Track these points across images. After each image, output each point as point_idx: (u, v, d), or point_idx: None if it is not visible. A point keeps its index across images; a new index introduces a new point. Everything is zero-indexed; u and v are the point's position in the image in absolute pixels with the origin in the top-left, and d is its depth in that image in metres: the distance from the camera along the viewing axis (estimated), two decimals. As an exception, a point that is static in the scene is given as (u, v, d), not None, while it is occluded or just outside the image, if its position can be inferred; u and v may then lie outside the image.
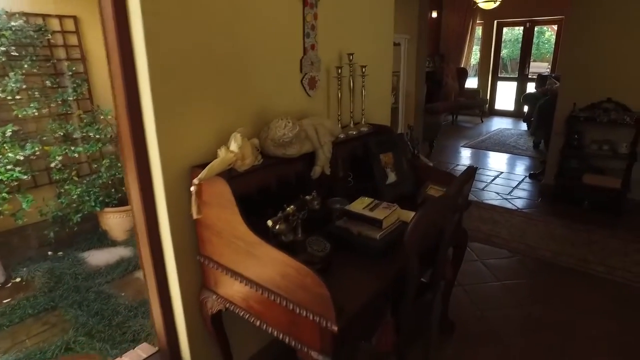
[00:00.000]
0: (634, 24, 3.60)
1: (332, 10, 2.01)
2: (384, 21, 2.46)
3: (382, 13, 2.44)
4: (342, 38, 2.13)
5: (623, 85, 3.73)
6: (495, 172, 5.18)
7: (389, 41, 2.52)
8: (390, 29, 2.52)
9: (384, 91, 2.56)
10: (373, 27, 2.36)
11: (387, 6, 2.46)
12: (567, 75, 4.02)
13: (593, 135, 3.91)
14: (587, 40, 3.83)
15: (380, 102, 2.52)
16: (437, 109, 5.40)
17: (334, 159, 1.82)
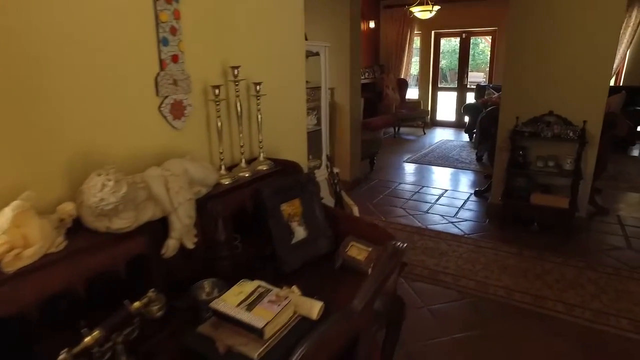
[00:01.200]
0: (569, 36, 3.36)
1: (206, 6, 1.46)
2: (290, 23, 1.93)
3: (287, 11, 1.90)
4: (226, 46, 1.57)
5: (563, 99, 3.47)
6: (440, 190, 4.83)
7: (298, 49, 2.00)
8: (299, 34, 2.00)
9: (295, 113, 2.03)
10: (274, 30, 1.82)
11: (293, 3, 1.93)
12: (508, 88, 3.72)
13: (538, 151, 3.62)
14: (525, 52, 3.56)
15: (290, 128, 1.99)
16: (375, 124, 4.97)
17: (210, 219, 1.27)
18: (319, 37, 4.60)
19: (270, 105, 1.73)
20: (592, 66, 3.34)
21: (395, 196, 4.65)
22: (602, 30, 3.26)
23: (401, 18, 8.99)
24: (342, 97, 4.69)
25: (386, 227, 3.75)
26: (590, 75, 3.36)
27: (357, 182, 5.02)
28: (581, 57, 3.36)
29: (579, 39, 3.34)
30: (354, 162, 4.91)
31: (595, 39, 3.29)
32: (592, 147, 3.46)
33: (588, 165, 3.53)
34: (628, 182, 5.03)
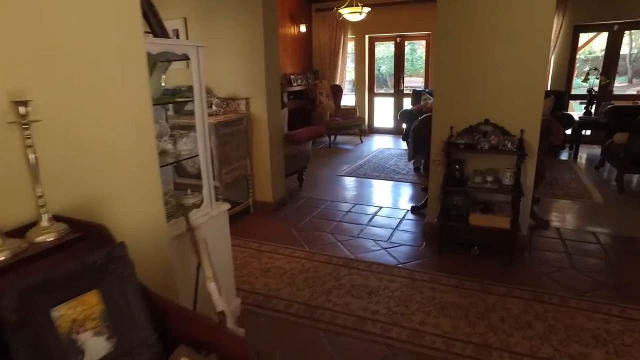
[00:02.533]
0: (501, 41, 3.01)
1: None
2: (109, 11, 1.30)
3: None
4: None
5: (499, 106, 3.12)
6: (374, 208, 4.37)
7: (129, 51, 1.34)
8: (135, 28, 1.36)
9: (128, 143, 1.38)
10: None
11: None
12: (440, 96, 3.32)
13: (476, 164, 3.24)
14: (456, 57, 3.18)
15: (121, 165, 1.34)
16: (300, 137, 4.43)
17: None
18: (226, 40, 3.99)
19: (51, 136, 1.10)
20: (526, 72, 3.01)
21: (324, 218, 4.12)
22: (533, 34, 2.94)
23: (334, 22, 8.59)
24: (259, 108, 4.10)
25: (309, 258, 3.21)
26: (525, 82, 3.02)
27: (282, 203, 4.44)
28: (514, 63, 3.02)
29: (511, 44, 3.00)
30: (276, 181, 4.33)
31: (527, 43, 2.96)
32: (531, 158, 3.12)
33: (528, 178, 3.20)
34: (562, 189, 4.85)
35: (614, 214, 4.10)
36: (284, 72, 8.13)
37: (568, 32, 7.24)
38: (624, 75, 9.87)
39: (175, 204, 1.96)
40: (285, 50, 8.15)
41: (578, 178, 5.32)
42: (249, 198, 4.29)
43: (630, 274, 2.95)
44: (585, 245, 3.42)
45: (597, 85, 7.00)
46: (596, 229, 3.74)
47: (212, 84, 4.25)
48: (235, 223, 3.99)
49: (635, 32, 8.47)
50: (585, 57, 9.90)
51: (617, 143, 5.11)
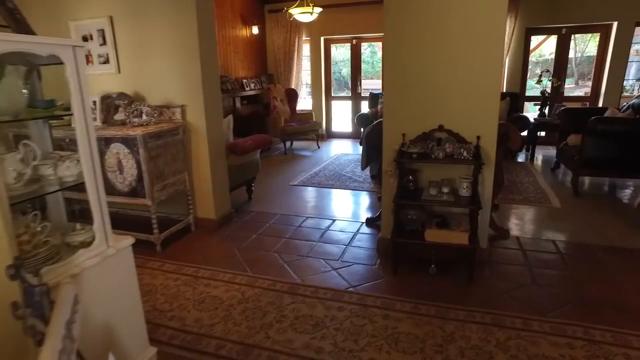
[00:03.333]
0: (453, 42, 2.77)
1: None
2: None
3: None
4: None
5: (453, 112, 2.88)
6: (327, 221, 4.06)
7: None
8: None
9: None
10: None
11: None
12: (391, 101, 3.05)
13: (431, 174, 2.99)
14: (406, 60, 2.92)
15: None
16: (243, 147, 4.06)
17: None
18: (158, 40, 3.58)
19: None
20: (481, 75, 2.79)
21: (271, 234, 3.76)
22: (487, 35, 2.72)
23: (288, 23, 8.28)
24: (196, 116, 3.70)
25: (250, 284, 2.85)
26: (480, 85, 2.80)
27: (227, 219, 4.04)
28: (468, 65, 2.79)
29: (464, 45, 2.77)
30: (219, 195, 3.94)
31: (481, 45, 2.74)
32: (488, 167, 2.90)
33: (486, 188, 2.97)
34: (521, 194, 4.72)
35: (572, 219, 3.97)
36: (236, 76, 7.74)
37: (520, 34, 7.25)
38: (571, 77, 10.11)
39: (60, 243, 1.56)
40: (237, 53, 7.76)
41: (536, 181, 5.23)
42: (189, 215, 3.87)
43: (590, 286, 2.78)
44: (545, 256, 3.24)
45: (550, 87, 7.03)
46: (556, 237, 3.59)
47: (144, 90, 3.81)
48: (173, 244, 3.58)
49: (579, 37, 8.67)
50: (537, 59, 10.07)
51: (571, 145, 5.05)
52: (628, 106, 5.08)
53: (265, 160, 6.92)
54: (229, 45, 7.41)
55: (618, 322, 2.40)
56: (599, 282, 2.84)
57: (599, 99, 7.33)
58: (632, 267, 3.04)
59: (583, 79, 10.87)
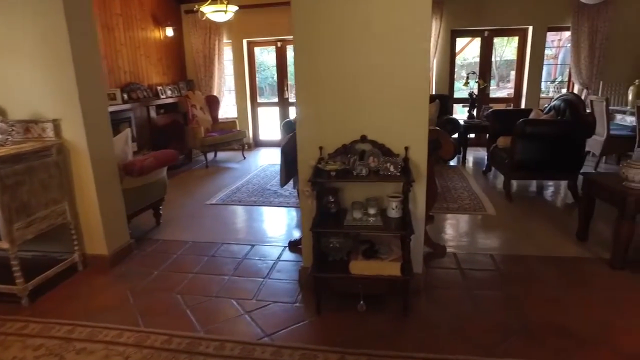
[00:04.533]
0: (376, 43, 2.37)
1: None
2: None
3: None
4: None
5: (377, 120, 2.48)
6: (245, 247, 3.52)
7: None
8: None
9: None
10: None
11: None
12: (305, 109, 2.58)
13: (354, 193, 2.57)
14: (324, 61, 2.47)
15: None
16: (141, 167, 3.42)
17: None
18: (11, 37, 2.86)
19: None
20: (407, 77, 2.41)
21: (177, 269, 3.16)
22: (412, 33, 2.34)
23: (207, 25, 7.63)
24: (74, 132, 3.00)
25: (139, 344, 2.24)
26: (407, 89, 2.42)
27: (124, 252, 3.36)
28: (393, 67, 2.40)
29: (388, 45, 2.37)
30: (112, 225, 3.25)
31: (406, 44, 2.36)
32: (419, 181, 2.52)
33: (418, 205, 2.60)
34: (456, 201, 4.49)
35: (507, 228, 3.76)
36: (150, 83, 6.96)
37: (446, 36, 7.18)
38: (492, 79, 10.42)
39: None
40: (149, 57, 6.99)
41: (469, 186, 5.05)
42: (74, 253, 3.16)
43: (532, 309, 2.49)
44: (484, 275, 2.94)
45: (477, 88, 7.02)
46: (493, 249, 3.33)
47: (2, 101, 3.05)
48: (49, 293, 2.87)
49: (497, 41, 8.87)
50: (462, 62, 10.25)
51: (500, 147, 4.94)
52: (550, 108, 5.06)
53: (184, 175, 6.23)
54: (138, 48, 6.62)
55: (564, 350, 2.11)
56: (540, 302, 2.57)
57: (521, 99, 7.46)
58: (569, 280, 2.82)
59: (503, 80, 11.27)
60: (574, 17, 6.75)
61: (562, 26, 7.01)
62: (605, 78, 6.83)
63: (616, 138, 5.55)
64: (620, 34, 6.70)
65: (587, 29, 6.70)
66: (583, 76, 6.90)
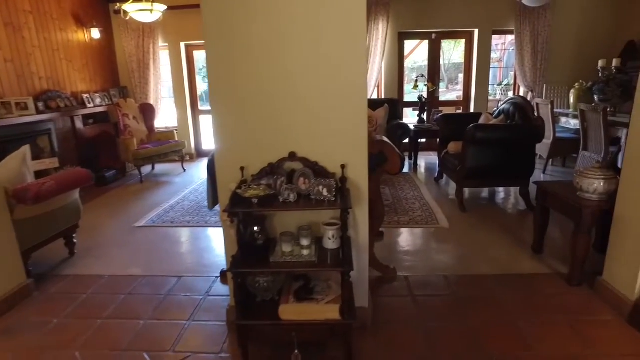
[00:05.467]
0: (305, 42, 2.00)
1: None
2: None
3: None
4: None
5: (309, 133, 2.11)
6: (172, 279, 3.05)
7: None
8: None
9: None
10: None
11: None
12: (222, 122, 2.17)
13: (283, 221, 2.18)
14: (242, 65, 2.06)
15: None
16: (40, 193, 2.86)
17: None
18: None
19: None
20: (341, 84, 2.05)
21: (82, 316, 2.63)
22: (346, 36, 1.99)
23: (140, 27, 7.02)
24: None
25: None
26: (342, 97, 2.06)
27: (18, 298, 2.79)
28: (325, 71, 2.04)
29: (318, 45, 2.01)
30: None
31: (339, 46, 2.00)
32: (359, 204, 2.18)
33: (361, 232, 2.25)
34: (407, 213, 4.21)
35: (462, 243, 3.51)
36: (74, 91, 6.27)
37: (393, 38, 6.99)
38: (442, 82, 10.45)
39: None
40: (72, 61, 6.28)
41: (421, 195, 4.81)
42: (-50, 301, 2.56)
43: (493, 343, 2.21)
44: (439, 301, 2.64)
45: (426, 91, 6.87)
46: (447, 270, 3.05)
47: None
48: None
49: (445, 45, 8.86)
50: (412, 66, 10.18)
51: (451, 153, 4.74)
52: (499, 111, 4.92)
53: (115, 192, 5.60)
54: (56, 51, 5.92)
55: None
56: (500, 333, 2.29)
57: (470, 102, 7.40)
58: (528, 303, 2.58)
59: (452, 83, 11.35)
60: (516, 20, 6.76)
61: (507, 30, 7.01)
62: (548, 81, 6.89)
63: (562, 141, 5.53)
64: (559, 38, 6.78)
65: (529, 32, 6.73)
66: (528, 79, 6.92)
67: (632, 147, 2.40)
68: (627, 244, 2.42)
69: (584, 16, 6.74)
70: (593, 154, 4.77)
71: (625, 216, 2.45)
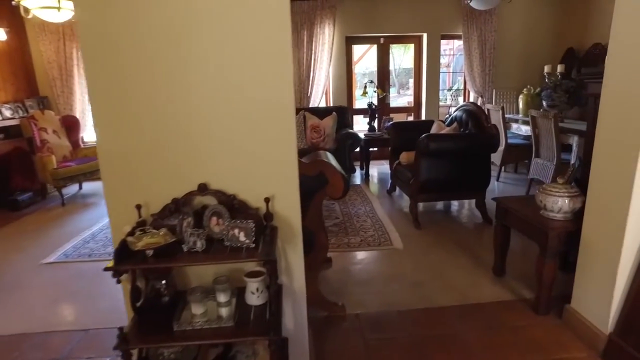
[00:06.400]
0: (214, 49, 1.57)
1: None
2: None
3: None
4: None
5: (224, 160, 1.67)
6: (76, 335, 2.48)
7: None
8: None
9: None
10: None
11: None
12: (108, 149, 1.68)
13: (195, 269, 1.72)
14: (132, 77, 1.59)
15: None
16: None
17: None
18: None
19: None
20: (263, 97, 1.63)
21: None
22: (266, 38, 1.57)
23: (59, 29, 6.27)
24: None
25: None
26: (264, 112, 1.64)
27: None
28: (242, 83, 1.61)
29: (232, 52, 1.58)
30: None
31: (257, 50, 1.58)
32: (292, 244, 1.76)
33: (295, 277, 1.83)
34: (358, 233, 3.85)
35: (418, 268, 3.18)
36: (-23, 102, 5.44)
37: (341, 43, 6.67)
38: (393, 87, 10.33)
39: None
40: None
41: (373, 210, 4.47)
42: None
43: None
44: (394, 346, 2.27)
45: (376, 98, 6.60)
46: (402, 303, 2.69)
47: None
48: None
49: (395, 49, 8.72)
50: (364, 71, 9.97)
51: (404, 164, 4.44)
52: (452, 119, 4.70)
53: (29, 218, 4.87)
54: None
55: None
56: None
57: (421, 109, 7.23)
58: (495, 343, 2.26)
59: (403, 88, 11.27)
60: (464, 25, 6.65)
61: (455, 34, 6.90)
62: (497, 86, 6.83)
63: (514, 147, 5.41)
64: (506, 43, 6.75)
65: (477, 37, 6.64)
66: (477, 84, 6.83)
67: (597, 166, 2.14)
68: (597, 270, 2.16)
69: (527, 22, 6.75)
70: (545, 160, 4.64)
71: (593, 240, 2.19)
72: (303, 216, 1.78)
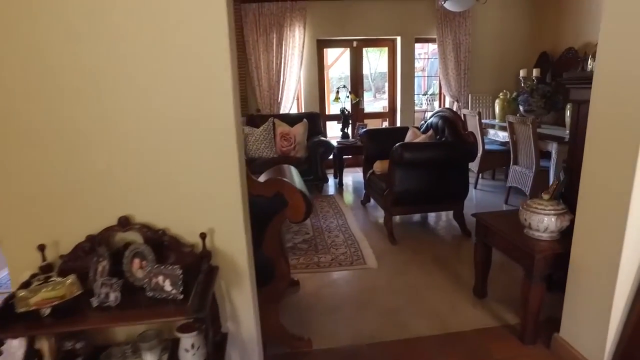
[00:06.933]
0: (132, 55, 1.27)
1: None
2: None
3: None
4: None
5: (151, 188, 1.36)
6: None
7: None
8: None
9: None
10: None
11: None
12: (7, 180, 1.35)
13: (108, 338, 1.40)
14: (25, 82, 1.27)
15: None
16: None
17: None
18: None
19: None
20: (198, 108, 1.33)
21: None
22: (201, 40, 1.28)
23: None
24: None
25: None
26: (200, 126, 1.34)
27: None
28: (170, 91, 1.31)
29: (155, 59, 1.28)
30: None
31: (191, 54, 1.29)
32: (238, 286, 1.46)
33: (244, 323, 1.53)
34: (329, 251, 3.57)
35: (393, 291, 2.91)
36: None
37: (312, 46, 6.41)
38: (369, 92, 10.14)
39: None
40: None
41: (346, 224, 4.20)
42: None
43: None
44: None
45: (350, 103, 6.37)
46: (376, 334, 2.41)
47: None
48: None
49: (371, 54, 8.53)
50: (339, 76, 9.73)
51: (378, 173, 4.20)
52: (427, 125, 4.49)
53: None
54: None
55: None
56: None
57: (396, 114, 7.03)
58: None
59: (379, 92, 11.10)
60: (438, 28, 6.49)
61: (429, 37, 6.73)
62: (473, 90, 6.69)
63: (491, 153, 5.25)
64: (480, 46, 6.63)
65: (451, 40, 6.49)
66: (452, 89, 6.68)
67: (587, 179, 1.93)
68: (589, 296, 1.95)
69: (501, 26, 6.65)
70: (524, 168, 4.48)
71: (584, 262, 1.97)
72: (260, 243, 1.49)
